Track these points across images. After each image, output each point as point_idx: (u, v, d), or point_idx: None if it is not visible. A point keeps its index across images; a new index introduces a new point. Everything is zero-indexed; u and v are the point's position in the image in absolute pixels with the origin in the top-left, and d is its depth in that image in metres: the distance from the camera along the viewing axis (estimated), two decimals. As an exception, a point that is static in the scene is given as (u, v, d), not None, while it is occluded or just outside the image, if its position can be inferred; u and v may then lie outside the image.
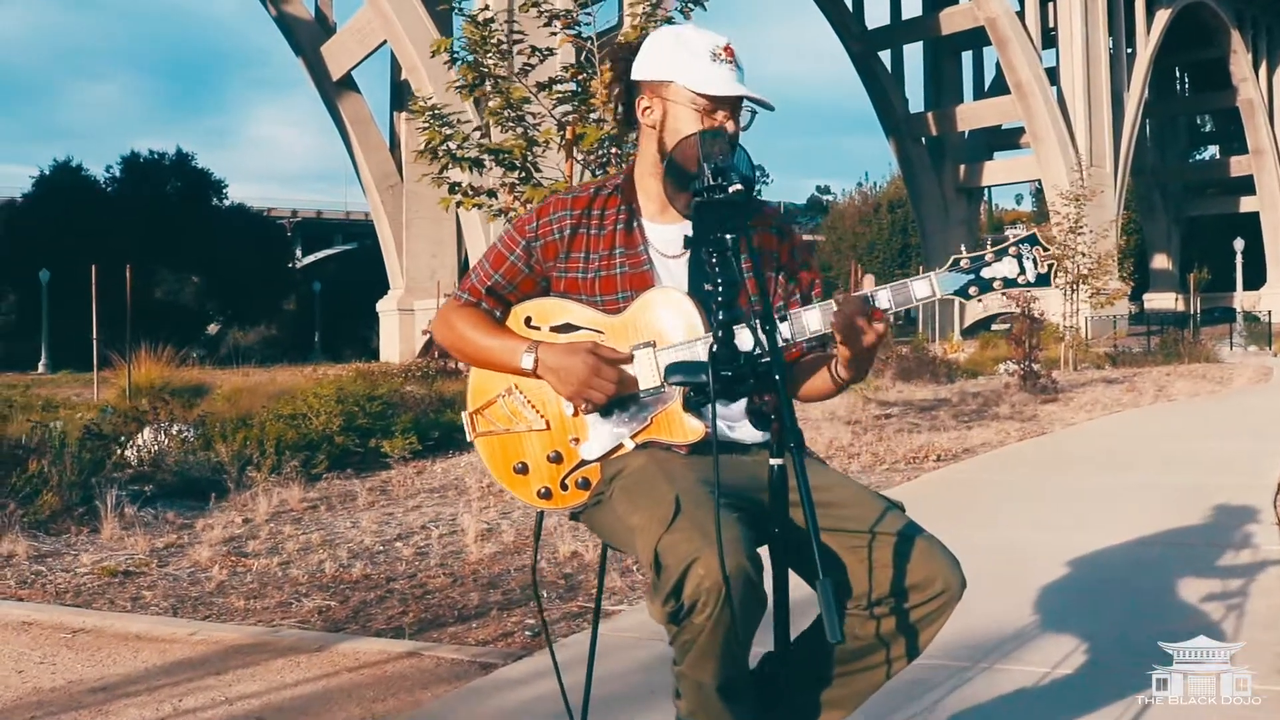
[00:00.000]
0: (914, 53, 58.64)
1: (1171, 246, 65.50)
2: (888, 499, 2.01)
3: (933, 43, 56.86)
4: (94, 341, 14.07)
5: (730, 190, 1.77)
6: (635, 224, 2.14)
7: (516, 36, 8.30)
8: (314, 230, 65.85)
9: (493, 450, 2.13)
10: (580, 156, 8.05)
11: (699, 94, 2.04)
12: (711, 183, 1.80)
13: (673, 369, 1.79)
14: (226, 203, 42.35)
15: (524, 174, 7.80)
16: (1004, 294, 2.04)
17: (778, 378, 1.66)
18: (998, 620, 3.54)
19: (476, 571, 4.56)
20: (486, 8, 8.03)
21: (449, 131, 7.74)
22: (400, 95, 35.66)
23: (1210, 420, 11.51)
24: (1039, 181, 52.36)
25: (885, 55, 56.97)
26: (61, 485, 5.46)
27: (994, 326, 39.78)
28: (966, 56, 58.69)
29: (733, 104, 2.06)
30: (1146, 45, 53.02)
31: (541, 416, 2.10)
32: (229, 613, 3.98)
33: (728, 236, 1.73)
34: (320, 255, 62.32)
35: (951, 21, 53.38)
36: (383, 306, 41.16)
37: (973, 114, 56.35)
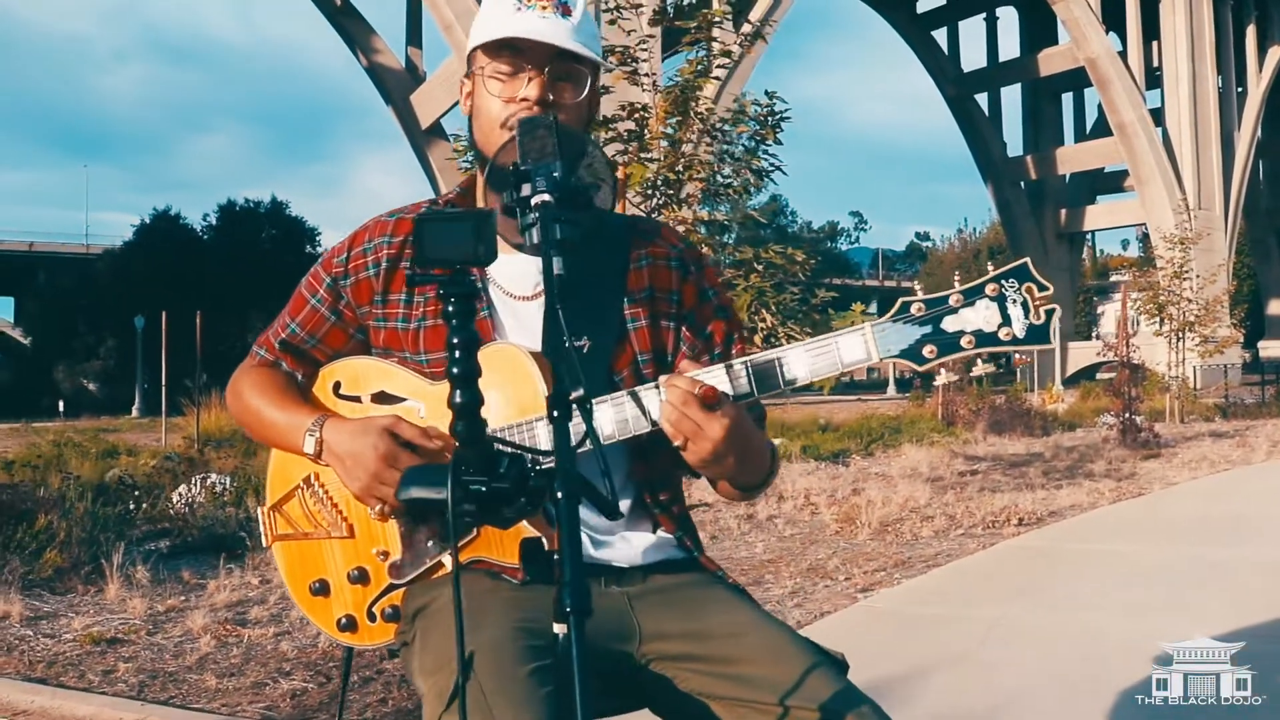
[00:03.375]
0: (1012, 95, 57.49)
1: (1288, 292, 62.71)
2: (823, 651, 1.45)
3: (1031, 85, 55.66)
4: (162, 387, 14.17)
5: (534, 201, 1.26)
6: None
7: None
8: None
9: (291, 561, 1.62)
10: (634, 198, 7.69)
11: (484, 48, 1.54)
12: (516, 195, 1.29)
13: (409, 478, 1.17)
14: (320, 250, 43.20)
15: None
16: (980, 356, 1.44)
17: (561, 496, 1.05)
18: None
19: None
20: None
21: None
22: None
23: (1330, 481, 10.56)
24: (1144, 226, 50.66)
25: (982, 98, 55.93)
26: (70, 541, 5.20)
27: (1098, 376, 38.34)
28: (1066, 98, 57.34)
29: (540, 59, 1.50)
30: (1259, 84, 51.20)
31: (344, 519, 1.57)
32: (197, 693, 3.61)
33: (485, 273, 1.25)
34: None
35: (1050, 63, 52.19)
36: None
37: (1073, 157, 54.90)
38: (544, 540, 1.36)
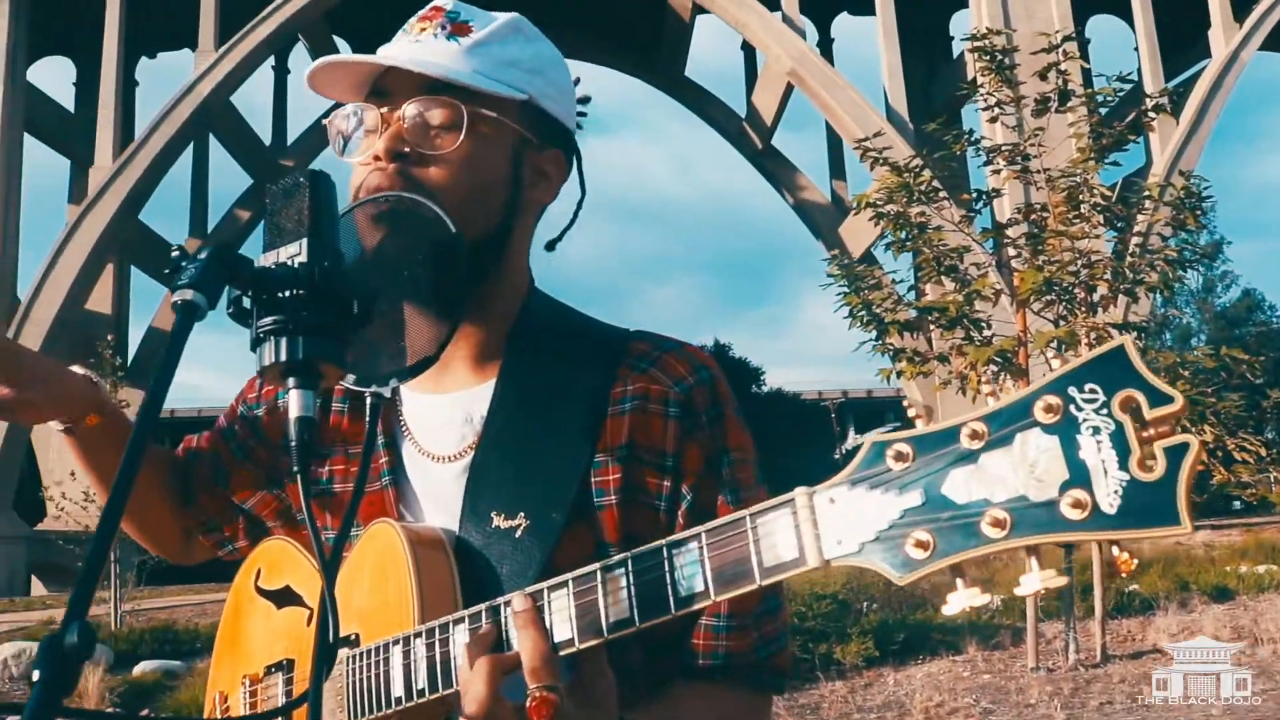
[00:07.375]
0: None
1: None
2: None
3: None
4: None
5: (174, 299, 0.77)
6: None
7: (956, 180, 7.51)
8: (864, 409, 67.10)
9: None
10: (1037, 306, 6.91)
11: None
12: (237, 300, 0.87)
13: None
14: (765, 389, 44.20)
15: (966, 333, 6.83)
16: (1029, 551, 0.67)
17: None
18: None
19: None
20: (914, 157, 7.27)
21: (877, 295, 7.05)
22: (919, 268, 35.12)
23: None
24: None
25: None
26: None
27: None
28: None
29: (402, 98, 1.05)
30: None
31: None
32: None
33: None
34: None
35: None
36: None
37: None
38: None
